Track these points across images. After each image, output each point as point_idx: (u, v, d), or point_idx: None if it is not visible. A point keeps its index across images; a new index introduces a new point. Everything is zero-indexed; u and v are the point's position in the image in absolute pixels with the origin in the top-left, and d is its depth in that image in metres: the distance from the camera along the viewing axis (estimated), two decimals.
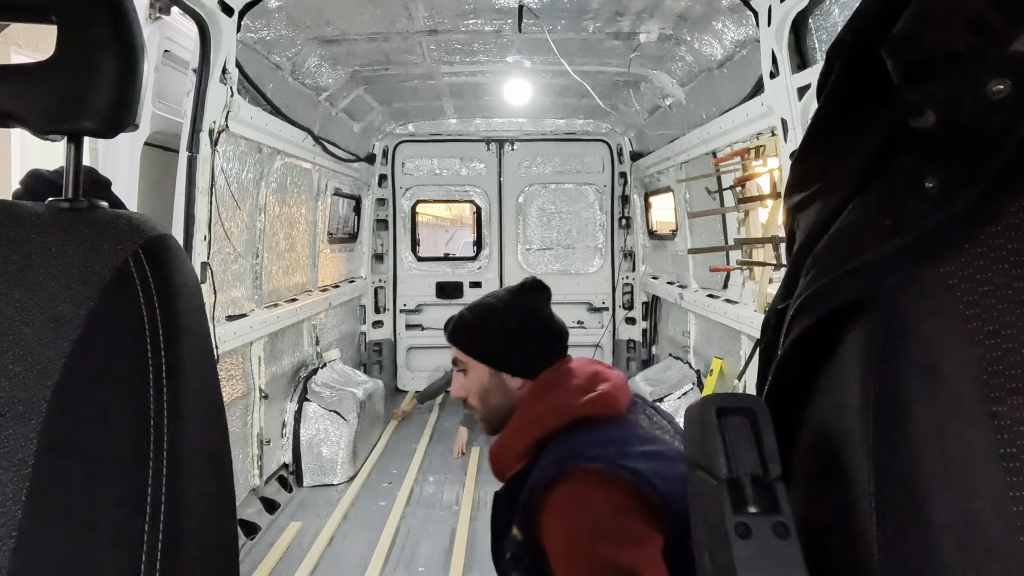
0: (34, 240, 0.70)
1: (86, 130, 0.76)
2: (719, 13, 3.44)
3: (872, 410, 0.54)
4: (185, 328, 0.72)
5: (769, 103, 3.05)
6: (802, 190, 0.66)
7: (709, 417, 0.61)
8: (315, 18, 3.65)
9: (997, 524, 0.48)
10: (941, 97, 0.52)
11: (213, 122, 2.99)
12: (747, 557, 0.54)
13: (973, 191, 0.51)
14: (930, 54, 0.53)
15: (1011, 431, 0.49)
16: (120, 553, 0.64)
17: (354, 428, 4.46)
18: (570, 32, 3.92)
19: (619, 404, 1.47)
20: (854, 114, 0.61)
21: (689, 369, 4.94)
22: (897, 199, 0.55)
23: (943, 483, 0.50)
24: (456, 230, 19.42)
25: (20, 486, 0.64)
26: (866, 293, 0.55)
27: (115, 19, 0.75)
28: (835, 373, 0.58)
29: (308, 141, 4.34)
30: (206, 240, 3.06)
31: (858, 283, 0.55)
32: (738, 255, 3.90)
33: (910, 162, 0.55)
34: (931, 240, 0.52)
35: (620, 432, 1.41)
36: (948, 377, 0.51)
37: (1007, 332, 0.50)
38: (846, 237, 0.58)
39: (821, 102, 0.64)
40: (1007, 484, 0.48)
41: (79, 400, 0.67)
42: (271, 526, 3.72)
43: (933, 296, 0.53)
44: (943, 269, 0.53)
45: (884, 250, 0.54)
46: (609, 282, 6.72)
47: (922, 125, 0.54)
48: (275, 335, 4.14)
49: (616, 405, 1.46)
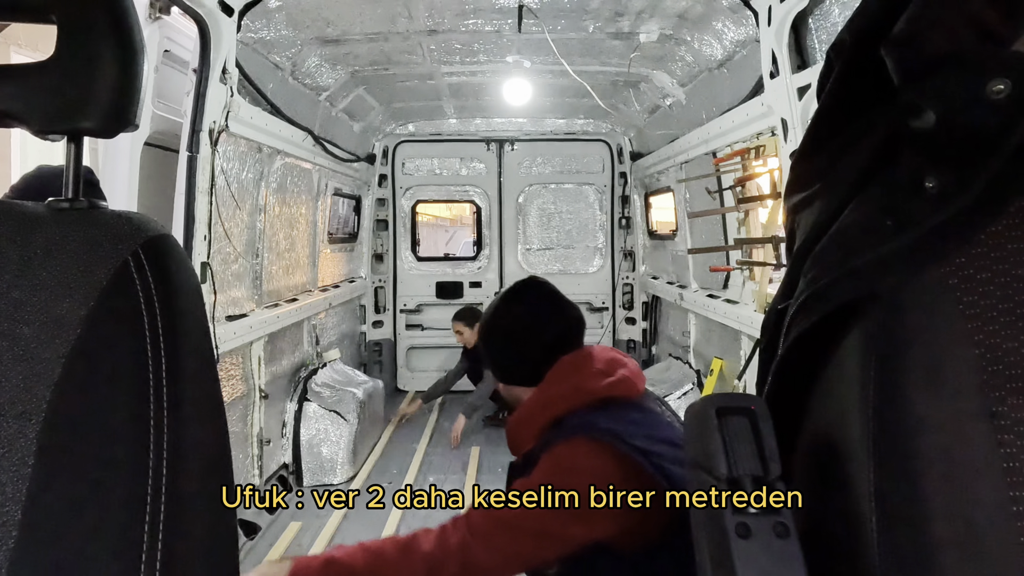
0: (34, 240, 0.70)
1: (86, 130, 0.75)
2: (719, 13, 3.44)
3: (872, 410, 0.54)
4: (185, 328, 0.72)
5: (769, 103, 3.05)
6: (802, 190, 0.66)
7: (709, 417, 0.61)
8: (315, 18, 3.65)
9: (997, 524, 0.48)
10: (941, 97, 0.52)
11: (213, 122, 2.99)
12: (747, 557, 0.54)
13: (973, 191, 0.51)
14: (930, 55, 0.52)
15: (1011, 431, 0.49)
16: (120, 553, 0.64)
17: (354, 428, 4.46)
18: (570, 32, 3.92)
19: (637, 388, 1.56)
20: (854, 114, 0.61)
21: (689, 369, 4.94)
22: (897, 199, 0.55)
23: (943, 483, 0.50)
24: (456, 230, 19.41)
25: (20, 486, 0.64)
26: (866, 293, 0.55)
27: (115, 19, 0.75)
28: (835, 373, 0.58)
29: (308, 141, 4.34)
30: (206, 240, 3.06)
31: (859, 283, 0.55)
32: (738, 255, 3.90)
33: (910, 162, 0.55)
34: (932, 240, 0.52)
35: (639, 414, 1.48)
36: (948, 377, 0.51)
37: (1007, 332, 0.50)
38: (847, 237, 0.58)
39: (821, 102, 0.64)
40: (1007, 484, 0.48)
41: (79, 400, 0.67)
42: (271, 526, 3.72)
43: (933, 296, 0.53)
44: (943, 269, 0.53)
45: (885, 249, 0.54)
46: (609, 282, 6.72)
47: (922, 125, 0.54)
48: (275, 335, 4.14)
49: (634, 388, 1.54)
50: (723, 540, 0.55)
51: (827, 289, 0.57)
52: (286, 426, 4.33)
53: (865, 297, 0.55)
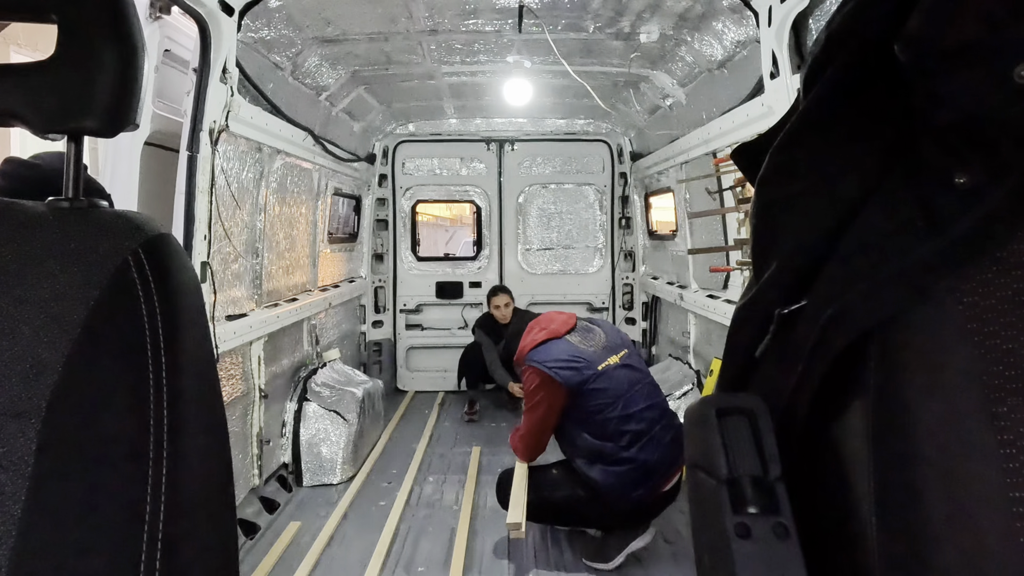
0: (34, 239, 0.70)
1: (86, 129, 0.75)
2: (719, 13, 3.44)
3: (872, 410, 0.53)
4: (185, 328, 0.72)
5: (769, 103, 3.05)
6: (783, 183, 0.64)
7: (709, 417, 0.61)
8: (315, 18, 3.65)
9: (997, 524, 0.48)
10: (964, 88, 0.50)
11: (213, 122, 2.99)
12: (747, 557, 0.54)
13: (1007, 183, 0.49)
14: (949, 46, 0.51)
15: (1011, 431, 0.49)
16: (120, 552, 0.64)
17: (354, 428, 4.46)
18: (570, 32, 3.92)
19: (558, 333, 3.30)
20: (857, 111, 0.59)
21: (689, 369, 4.94)
22: (925, 197, 0.53)
23: (943, 484, 0.50)
24: (456, 230, 19.41)
25: (20, 485, 0.64)
26: (916, 298, 0.52)
27: (115, 19, 0.75)
28: (835, 373, 0.58)
29: (308, 141, 4.34)
30: (206, 240, 3.06)
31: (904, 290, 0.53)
32: (738, 255, 3.90)
33: (936, 158, 0.53)
34: (973, 238, 0.50)
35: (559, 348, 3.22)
36: (948, 377, 0.51)
37: (1007, 332, 0.50)
38: (872, 240, 0.56)
39: (815, 94, 0.61)
40: (1007, 484, 0.48)
41: (79, 400, 0.67)
42: (271, 526, 3.72)
43: (933, 296, 0.52)
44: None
45: (924, 252, 0.52)
46: (609, 282, 6.72)
47: (947, 118, 0.52)
48: (275, 335, 4.14)
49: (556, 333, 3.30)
50: (723, 540, 0.55)
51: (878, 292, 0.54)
52: (286, 426, 4.33)
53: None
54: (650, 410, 3.17)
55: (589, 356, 3.19)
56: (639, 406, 3.14)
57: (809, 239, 0.60)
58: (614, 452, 3.09)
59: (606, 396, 3.12)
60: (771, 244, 0.64)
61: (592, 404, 3.12)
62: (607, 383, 3.14)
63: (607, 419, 3.10)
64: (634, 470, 3.07)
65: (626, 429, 3.09)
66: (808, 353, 0.58)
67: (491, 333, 5.79)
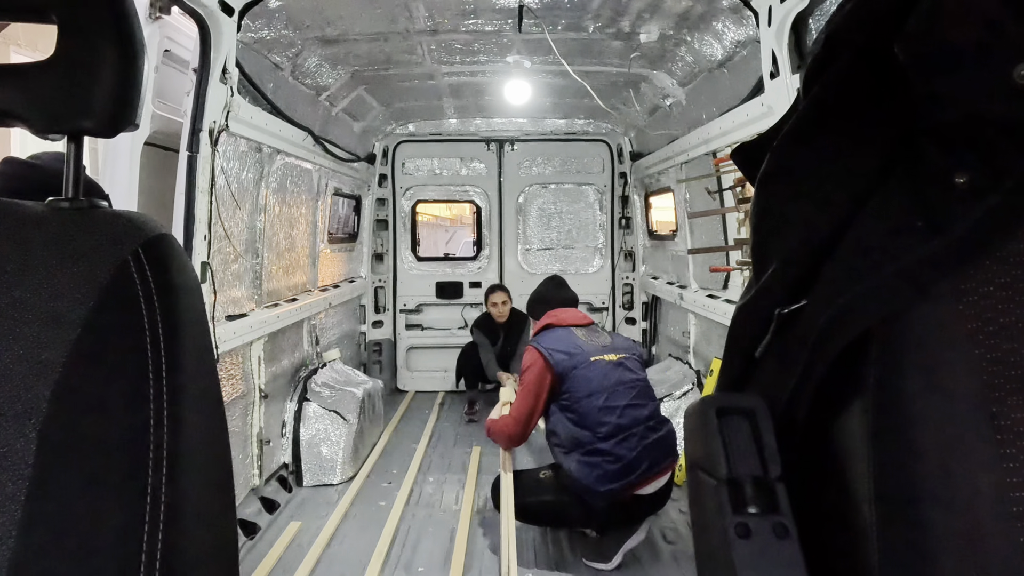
0: (34, 239, 0.70)
1: (86, 129, 0.75)
2: (719, 13, 3.44)
3: (872, 410, 0.53)
4: (185, 328, 0.72)
5: (769, 103, 3.05)
6: (783, 183, 0.63)
7: (709, 417, 0.61)
8: (315, 18, 3.65)
9: (997, 524, 0.48)
10: (964, 88, 0.50)
11: (213, 122, 2.99)
12: (747, 557, 0.54)
13: (1007, 183, 0.49)
14: (949, 46, 0.51)
15: (1011, 431, 0.49)
16: (120, 552, 0.64)
17: (354, 428, 4.46)
18: (570, 32, 3.92)
19: (567, 323, 3.51)
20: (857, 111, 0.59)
21: (689, 369, 4.94)
22: (925, 197, 0.53)
23: (943, 483, 0.50)
24: (456, 230, 19.41)
25: (20, 486, 0.64)
26: (917, 298, 0.52)
27: (115, 19, 0.75)
28: (834, 372, 0.58)
29: (308, 141, 4.34)
30: (206, 240, 3.06)
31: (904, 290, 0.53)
32: (738, 255, 3.90)
33: (935, 158, 0.53)
34: (973, 238, 0.50)
35: (560, 336, 3.40)
36: (948, 377, 0.51)
37: (1007, 332, 0.50)
38: (871, 240, 0.56)
39: (815, 94, 0.61)
40: (1007, 484, 0.48)
41: (79, 400, 0.66)
42: (271, 526, 3.72)
43: (933, 296, 0.52)
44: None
45: (924, 252, 0.52)
46: (609, 282, 6.72)
47: (946, 118, 0.52)
48: (275, 335, 4.14)
49: (565, 323, 3.51)
50: (723, 540, 0.55)
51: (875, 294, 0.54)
52: (286, 426, 4.33)
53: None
54: (636, 408, 3.20)
55: (586, 348, 3.34)
56: (624, 402, 3.18)
57: (809, 239, 0.60)
58: (591, 441, 3.14)
59: (590, 385, 3.19)
60: (771, 244, 0.64)
61: (577, 390, 3.20)
62: (594, 373, 3.23)
63: (589, 408, 3.16)
64: (608, 463, 3.10)
65: (606, 420, 3.14)
66: (808, 353, 0.58)
67: (488, 333, 5.80)
